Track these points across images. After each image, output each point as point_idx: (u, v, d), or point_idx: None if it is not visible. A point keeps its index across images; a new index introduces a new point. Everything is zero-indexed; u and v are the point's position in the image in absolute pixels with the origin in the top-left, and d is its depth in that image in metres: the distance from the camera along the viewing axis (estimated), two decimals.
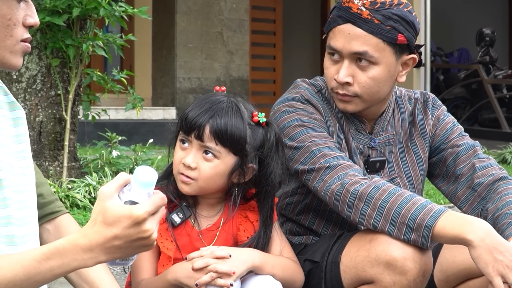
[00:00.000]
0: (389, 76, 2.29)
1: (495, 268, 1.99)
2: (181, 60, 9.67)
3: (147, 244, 1.48)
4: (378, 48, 2.23)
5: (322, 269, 2.25)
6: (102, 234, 1.45)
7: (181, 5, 9.66)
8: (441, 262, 2.33)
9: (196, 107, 2.13)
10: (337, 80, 2.26)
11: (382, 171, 2.41)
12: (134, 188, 1.47)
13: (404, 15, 2.25)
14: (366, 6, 2.24)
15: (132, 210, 1.44)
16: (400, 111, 2.47)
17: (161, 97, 9.78)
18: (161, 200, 1.48)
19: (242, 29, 10.23)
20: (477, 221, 2.06)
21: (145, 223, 1.45)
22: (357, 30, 2.23)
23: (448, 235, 2.06)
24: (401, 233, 2.09)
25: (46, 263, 1.45)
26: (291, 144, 2.28)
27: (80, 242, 1.46)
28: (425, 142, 2.47)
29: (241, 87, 10.06)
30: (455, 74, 12.32)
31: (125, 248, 1.46)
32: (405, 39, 2.26)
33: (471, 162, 2.39)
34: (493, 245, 2.00)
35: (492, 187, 2.33)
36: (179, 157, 2.13)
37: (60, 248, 1.46)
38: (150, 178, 1.46)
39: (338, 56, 2.27)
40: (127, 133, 6.95)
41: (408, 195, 2.13)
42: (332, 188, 2.20)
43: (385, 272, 2.09)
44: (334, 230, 2.39)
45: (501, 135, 10.33)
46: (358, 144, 2.39)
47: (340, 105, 2.31)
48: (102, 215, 1.45)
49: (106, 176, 4.83)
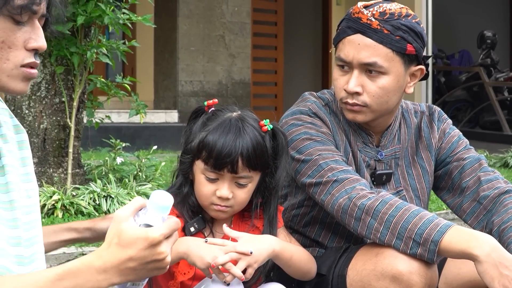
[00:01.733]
0: (398, 86, 2.30)
1: (501, 283, 2.00)
2: (183, 63, 9.66)
3: (161, 267, 1.48)
4: (387, 58, 2.25)
5: (329, 282, 2.25)
6: (117, 255, 1.45)
7: (183, 8, 9.65)
8: (446, 274, 2.34)
9: (217, 142, 2.09)
10: (347, 90, 2.27)
11: (388, 183, 2.42)
12: (150, 212, 1.49)
13: (413, 26, 2.27)
14: (375, 16, 2.25)
15: (149, 233, 1.45)
16: (406, 124, 2.48)
17: (163, 100, 9.77)
18: (175, 224, 1.49)
19: (244, 32, 10.22)
20: (483, 236, 2.06)
21: (161, 246, 1.45)
22: (367, 40, 2.24)
23: (455, 250, 2.07)
24: (408, 247, 2.10)
25: (59, 283, 1.45)
26: (299, 157, 2.28)
27: (95, 264, 1.46)
28: (431, 155, 2.48)
29: (243, 90, 10.04)
30: (457, 77, 12.32)
31: (139, 270, 1.47)
32: (414, 50, 2.27)
33: (477, 175, 2.40)
34: (499, 260, 2.01)
35: (498, 200, 2.33)
36: (209, 190, 2.11)
37: (74, 269, 1.46)
38: (166, 202, 1.48)
39: (348, 67, 2.28)
40: (129, 137, 6.96)
41: (415, 209, 2.14)
42: (340, 202, 2.20)
43: (391, 286, 2.10)
44: (340, 242, 2.40)
45: (503, 138, 10.32)
46: (365, 157, 2.39)
47: (349, 115, 2.32)
48: (117, 237, 1.46)
49: (110, 182, 4.83)
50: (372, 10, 2.27)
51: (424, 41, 2.31)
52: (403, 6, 2.35)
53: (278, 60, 11.70)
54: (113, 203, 4.60)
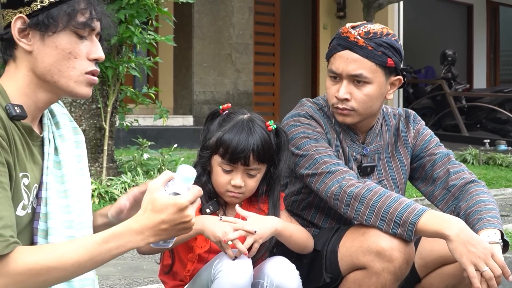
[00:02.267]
0: (380, 94, 2.28)
1: (469, 259, 1.99)
2: (197, 77, 9.65)
3: (188, 227, 1.50)
4: (371, 70, 2.24)
5: (323, 257, 2.25)
6: (151, 219, 1.47)
7: (197, 31, 9.65)
8: (420, 251, 2.32)
9: (232, 139, 2.08)
10: (337, 97, 2.26)
11: (372, 174, 2.41)
12: (177, 182, 1.50)
13: (392, 43, 2.26)
14: (361, 35, 2.24)
15: (177, 199, 1.47)
16: (386, 125, 2.47)
17: (180, 107, 9.76)
18: (198, 192, 1.52)
19: (248, 51, 10.21)
20: (453, 219, 2.06)
21: (187, 210, 1.48)
22: (354, 55, 2.24)
23: (429, 231, 2.06)
24: (389, 228, 2.09)
25: (105, 245, 1.47)
26: (298, 152, 2.27)
27: (133, 227, 1.48)
28: (407, 150, 2.46)
29: (246, 99, 10.04)
30: (423, 88, 12.30)
31: (169, 231, 1.48)
32: (393, 63, 2.26)
33: (446, 167, 2.39)
34: (467, 239, 2.00)
35: (464, 189, 2.32)
36: (225, 180, 2.11)
37: (117, 232, 1.48)
38: (191, 174, 1.51)
39: (338, 78, 2.28)
40: (153, 138, 6.92)
41: (395, 196, 2.13)
42: (332, 190, 2.19)
43: (376, 259, 2.09)
44: (332, 223, 2.39)
45: (461, 139, 10.33)
46: (353, 152, 2.38)
47: (339, 118, 2.31)
48: (151, 204, 1.48)
49: (138, 175, 4.81)
50: (358, 30, 2.26)
51: (402, 56, 2.30)
52: (384, 26, 2.35)
53: (275, 74, 11.69)
54: None
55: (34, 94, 1.62)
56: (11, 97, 1.60)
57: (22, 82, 1.62)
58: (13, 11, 1.60)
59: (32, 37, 1.59)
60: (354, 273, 2.17)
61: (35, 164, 1.63)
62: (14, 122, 1.57)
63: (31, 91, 1.62)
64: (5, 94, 1.60)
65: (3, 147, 1.49)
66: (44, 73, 1.60)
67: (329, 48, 2.34)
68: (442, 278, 2.28)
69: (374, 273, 2.10)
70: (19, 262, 1.43)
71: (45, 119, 1.71)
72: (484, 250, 1.99)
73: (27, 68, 1.61)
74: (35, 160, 1.64)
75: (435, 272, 2.30)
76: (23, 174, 1.57)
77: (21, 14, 1.59)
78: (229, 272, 1.90)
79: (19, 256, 1.44)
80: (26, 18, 1.58)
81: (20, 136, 1.58)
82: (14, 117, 1.56)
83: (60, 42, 1.59)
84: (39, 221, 1.61)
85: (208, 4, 9.66)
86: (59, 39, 1.59)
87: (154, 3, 4.68)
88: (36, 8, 1.58)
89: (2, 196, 1.46)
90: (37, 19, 1.58)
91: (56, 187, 1.65)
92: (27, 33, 1.59)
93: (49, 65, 1.60)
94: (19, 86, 1.62)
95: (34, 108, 1.63)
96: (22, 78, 1.62)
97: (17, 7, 1.60)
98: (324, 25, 12.30)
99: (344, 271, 2.20)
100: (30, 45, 1.59)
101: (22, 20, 1.59)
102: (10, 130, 1.53)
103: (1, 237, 1.42)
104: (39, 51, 1.59)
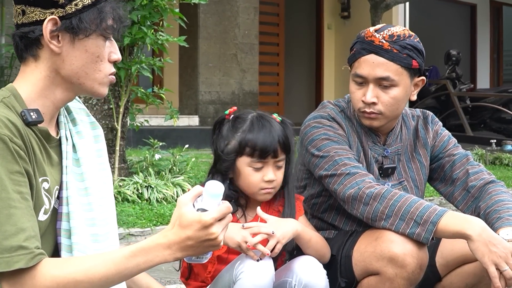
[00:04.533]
0: (406, 96, 2.30)
1: (490, 258, 2.00)
2: (203, 77, 9.66)
3: (215, 245, 1.48)
4: (397, 73, 2.25)
5: (338, 261, 2.25)
6: (178, 235, 1.46)
7: (203, 32, 9.66)
8: (442, 250, 2.33)
9: (256, 136, 2.10)
10: (364, 101, 2.27)
11: (392, 176, 2.41)
12: (205, 198, 1.49)
13: (416, 45, 2.28)
14: (385, 39, 2.25)
15: (202, 217, 1.45)
16: (406, 126, 2.47)
17: (186, 107, 9.77)
18: (227, 209, 1.49)
19: (253, 51, 10.22)
20: (474, 219, 2.07)
21: (212, 227, 1.45)
22: (380, 59, 2.24)
23: (450, 231, 2.06)
24: (408, 226, 2.08)
25: (133, 259, 1.46)
26: (318, 154, 2.28)
27: (161, 241, 1.47)
28: (426, 151, 2.47)
29: (252, 99, 10.05)
30: (427, 88, 12.27)
31: (196, 247, 1.47)
32: (418, 64, 2.27)
33: (465, 168, 2.40)
34: (488, 239, 2.01)
35: (484, 189, 2.33)
36: (257, 178, 2.11)
37: (145, 247, 1.47)
38: (217, 191, 1.49)
39: (364, 82, 2.28)
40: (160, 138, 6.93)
41: (415, 198, 2.14)
42: (350, 191, 2.20)
43: (388, 265, 2.09)
44: (352, 226, 2.38)
45: (465, 138, 10.32)
46: (374, 154, 2.39)
47: (366, 122, 2.32)
48: (179, 220, 1.47)
49: (150, 175, 4.82)
50: (382, 34, 2.27)
51: (424, 56, 2.31)
52: (404, 28, 2.35)
53: (279, 74, 11.71)
54: (153, 192, 4.60)
55: (53, 94, 1.60)
56: (28, 99, 1.57)
57: (42, 83, 1.58)
58: (42, 11, 1.55)
59: (62, 39, 1.56)
60: (368, 278, 2.17)
61: (53, 166, 1.61)
62: (30, 127, 1.54)
63: (51, 92, 1.59)
64: (20, 98, 1.56)
65: (21, 156, 1.47)
66: (70, 75, 1.58)
67: (352, 52, 2.33)
68: (463, 277, 2.29)
69: (388, 279, 2.10)
70: (46, 275, 1.42)
71: (61, 117, 1.68)
72: (504, 249, 2.00)
73: (50, 69, 1.58)
74: (53, 162, 1.62)
75: (455, 271, 2.31)
76: (42, 179, 1.55)
77: (53, 15, 1.55)
78: (251, 273, 1.92)
79: (46, 269, 1.42)
80: (58, 20, 1.55)
81: (37, 140, 1.56)
82: (30, 123, 1.53)
83: (90, 46, 1.58)
84: (61, 221, 1.60)
85: (213, 5, 9.67)
86: (89, 43, 1.57)
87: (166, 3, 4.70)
88: (70, 11, 1.55)
89: (24, 207, 1.44)
90: (70, 22, 1.55)
91: (76, 185, 1.64)
92: (57, 35, 1.56)
93: (77, 68, 1.58)
94: (38, 87, 1.58)
95: (52, 108, 1.61)
96: (42, 79, 1.58)
97: (48, 7, 1.55)
98: (328, 25, 12.31)
99: (359, 276, 2.20)
100: (60, 47, 1.56)
101: (54, 21, 1.55)
102: (27, 137, 1.51)
103: (26, 249, 1.40)
104: (67, 53, 1.57)
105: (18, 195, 1.44)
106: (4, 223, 1.41)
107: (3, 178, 1.43)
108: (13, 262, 1.39)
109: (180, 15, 4.89)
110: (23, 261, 1.40)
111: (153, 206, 4.41)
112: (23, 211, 1.43)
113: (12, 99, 1.54)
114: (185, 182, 4.77)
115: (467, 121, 11.03)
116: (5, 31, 6.06)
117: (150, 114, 7.99)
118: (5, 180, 1.43)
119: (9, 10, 6.60)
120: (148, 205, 4.44)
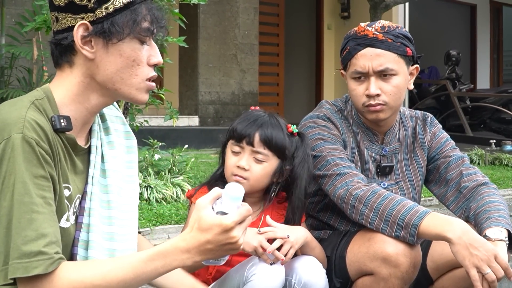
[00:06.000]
0: (405, 84, 2.32)
1: (471, 261, 1.97)
2: (203, 77, 9.67)
3: (234, 248, 1.46)
4: (395, 61, 2.27)
5: (332, 262, 2.26)
6: (197, 238, 1.44)
7: (202, 32, 9.67)
8: (432, 254, 2.32)
9: (243, 120, 2.14)
10: (368, 94, 2.28)
11: (390, 175, 2.42)
12: (224, 201, 1.46)
13: (406, 34, 2.32)
14: (378, 30, 2.28)
15: (222, 220, 1.42)
16: (404, 126, 2.49)
17: (186, 107, 9.78)
18: (247, 212, 1.46)
19: (252, 52, 10.23)
20: (456, 221, 2.04)
21: (233, 231, 1.43)
22: (377, 50, 2.26)
23: (431, 233, 2.04)
24: (393, 230, 2.09)
25: (151, 263, 1.44)
26: (312, 153, 2.28)
27: (180, 245, 1.45)
28: (424, 152, 2.48)
29: (251, 99, 10.06)
30: (427, 88, 12.31)
31: (215, 251, 1.45)
32: (411, 51, 2.31)
33: (460, 169, 2.40)
34: (469, 241, 1.98)
35: (476, 190, 2.33)
36: (233, 161, 2.13)
37: (163, 250, 1.45)
38: (238, 193, 1.46)
39: (364, 77, 2.29)
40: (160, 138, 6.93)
41: (398, 199, 2.13)
42: (340, 192, 2.21)
43: (382, 265, 2.10)
44: (347, 225, 2.39)
45: (465, 139, 10.32)
46: (372, 153, 2.39)
47: (372, 116, 2.31)
48: (198, 223, 1.44)
49: (149, 175, 4.82)
50: (374, 26, 2.30)
51: (413, 44, 2.35)
52: (390, 22, 2.39)
53: (279, 75, 11.71)
54: (152, 192, 4.60)
55: (88, 100, 1.56)
56: (61, 103, 1.54)
57: (76, 89, 1.55)
58: (73, 16, 1.51)
59: (95, 44, 1.52)
60: (363, 278, 2.18)
61: (77, 174, 1.58)
62: (58, 133, 1.51)
63: (85, 97, 1.56)
64: (53, 101, 1.54)
65: (47, 161, 1.45)
66: (105, 81, 1.54)
67: (344, 53, 2.34)
68: (454, 281, 2.28)
69: (382, 279, 2.10)
70: (64, 279, 1.40)
71: (95, 125, 1.64)
72: (487, 252, 1.97)
73: (85, 75, 1.54)
74: (77, 171, 1.59)
75: (447, 275, 2.30)
76: (65, 185, 1.53)
77: (84, 20, 1.51)
78: (263, 276, 1.93)
79: (64, 272, 1.41)
80: (89, 25, 1.51)
81: (63, 147, 1.53)
82: (58, 130, 1.51)
83: (125, 50, 1.53)
84: (81, 231, 1.57)
85: (213, 5, 9.68)
86: (123, 46, 1.52)
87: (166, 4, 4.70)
88: (100, 15, 1.51)
89: (47, 212, 1.42)
90: (101, 26, 1.50)
91: (100, 197, 1.60)
92: (89, 40, 1.52)
93: (112, 73, 1.53)
94: (72, 93, 1.55)
95: (86, 113, 1.57)
96: (77, 84, 1.55)
97: (78, 13, 1.51)
98: (328, 25, 12.32)
99: (353, 276, 2.21)
100: (93, 52, 1.52)
101: (85, 26, 1.51)
102: (54, 142, 1.49)
103: (46, 255, 1.39)
104: (101, 59, 1.53)
105: (41, 199, 1.42)
106: (26, 228, 1.39)
107: (27, 182, 1.41)
108: (31, 267, 1.38)
109: (180, 16, 4.90)
110: (42, 267, 1.39)
111: (153, 206, 4.42)
112: (46, 216, 1.41)
113: (45, 102, 1.52)
114: (185, 182, 4.78)
115: (467, 121, 11.04)
116: (5, 31, 6.08)
117: (150, 114, 8.01)
118: (29, 184, 1.41)
119: (9, 11, 6.61)
120: (148, 205, 4.45)
